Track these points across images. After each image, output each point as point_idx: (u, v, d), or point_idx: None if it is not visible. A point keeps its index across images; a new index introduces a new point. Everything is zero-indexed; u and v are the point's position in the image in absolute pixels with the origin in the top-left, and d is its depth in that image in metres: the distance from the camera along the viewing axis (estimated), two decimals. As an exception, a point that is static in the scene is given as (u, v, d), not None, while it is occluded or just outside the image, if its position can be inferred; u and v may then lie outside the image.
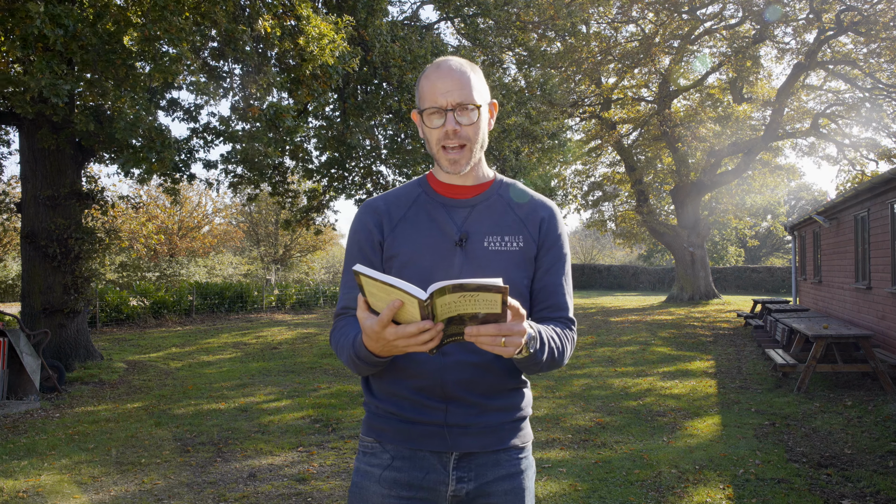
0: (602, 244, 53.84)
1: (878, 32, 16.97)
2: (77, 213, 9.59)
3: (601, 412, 6.79)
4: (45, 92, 6.39)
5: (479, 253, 1.53)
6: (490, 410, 1.54)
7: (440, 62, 1.53)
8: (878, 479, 4.55)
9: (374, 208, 1.61)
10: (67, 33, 6.37)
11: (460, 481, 1.52)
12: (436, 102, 1.49)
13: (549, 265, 1.59)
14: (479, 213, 1.57)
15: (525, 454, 1.62)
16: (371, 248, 1.58)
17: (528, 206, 1.61)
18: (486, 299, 1.19)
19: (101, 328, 15.77)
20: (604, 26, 21.31)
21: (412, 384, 1.51)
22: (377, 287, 1.22)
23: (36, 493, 4.63)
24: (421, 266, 1.52)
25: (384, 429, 1.56)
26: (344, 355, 1.47)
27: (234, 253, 37.12)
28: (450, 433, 1.51)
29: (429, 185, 1.63)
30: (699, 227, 22.63)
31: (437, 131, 1.51)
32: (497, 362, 1.51)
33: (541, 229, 1.59)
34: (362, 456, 1.60)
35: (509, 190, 1.64)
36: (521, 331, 1.25)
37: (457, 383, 1.49)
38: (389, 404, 1.55)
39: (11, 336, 7.34)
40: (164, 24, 6.78)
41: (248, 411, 7.13)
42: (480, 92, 1.53)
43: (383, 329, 1.25)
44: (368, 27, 11.02)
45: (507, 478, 1.56)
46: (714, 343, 11.91)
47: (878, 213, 9.39)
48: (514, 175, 15.06)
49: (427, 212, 1.58)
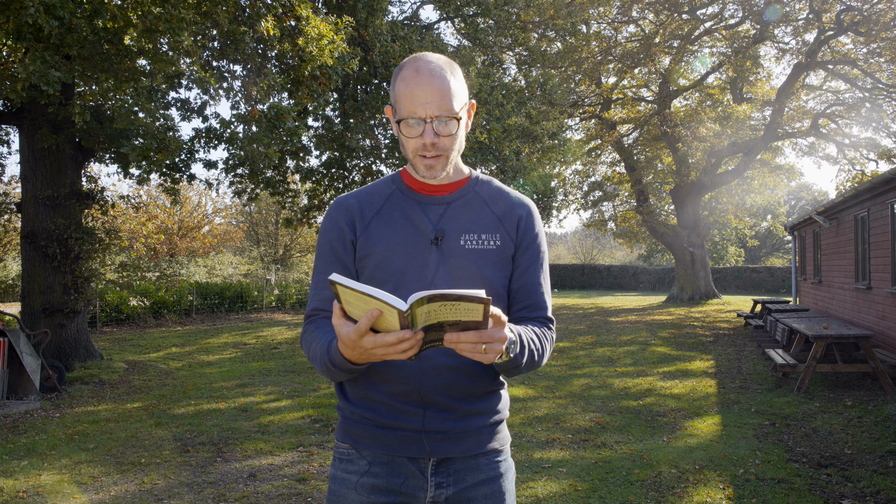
0: (602, 244, 53.83)
1: (878, 32, 16.97)
2: (77, 213, 9.58)
3: (601, 412, 6.79)
4: (34, 78, 6.33)
5: (456, 251, 1.49)
6: (468, 415, 1.51)
7: (419, 64, 1.45)
8: (878, 479, 4.55)
9: (346, 206, 1.56)
10: (63, 25, 6.34)
11: (439, 487, 1.50)
12: (414, 113, 1.43)
13: (528, 264, 1.56)
14: (455, 211, 1.53)
15: (503, 457, 1.58)
16: (343, 248, 1.53)
17: (505, 204, 1.58)
18: (467, 308, 1.17)
19: (101, 328, 15.77)
20: (604, 26, 21.31)
21: (389, 389, 1.48)
22: (354, 296, 1.19)
23: (36, 493, 4.63)
24: (395, 265, 1.48)
25: (360, 435, 1.52)
26: (317, 361, 1.42)
27: (234, 253, 37.11)
28: (427, 439, 1.48)
29: (403, 182, 1.58)
30: (699, 227, 22.63)
31: (415, 140, 1.45)
32: (474, 366, 1.49)
33: (518, 228, 1.56)
34: (338, 462, 1.56)
35: (486, 187, 1.60)
36: (503, 338, 1.24)
37: (434, 388, 1.46)
38: (365, 409, 1.51)
39: (11, 336, 7.33)
40: (164, 14, 6.75)
41: (248, 411, 7.13)
42: (460, 97, 1.47)
43: (360, 338, 1.22)
44: (368, 27, 11.02)
45: (486, 482, 1.53)
46: (714, 343, 11.91)
47: (878, 213, 9.39)
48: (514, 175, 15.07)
49: (401, 209, 1.53)
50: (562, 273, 37.45)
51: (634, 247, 36.16)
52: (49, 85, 6.40)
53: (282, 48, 8.26)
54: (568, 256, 54.17)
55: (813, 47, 18.83)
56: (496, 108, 13.21)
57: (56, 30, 6.29)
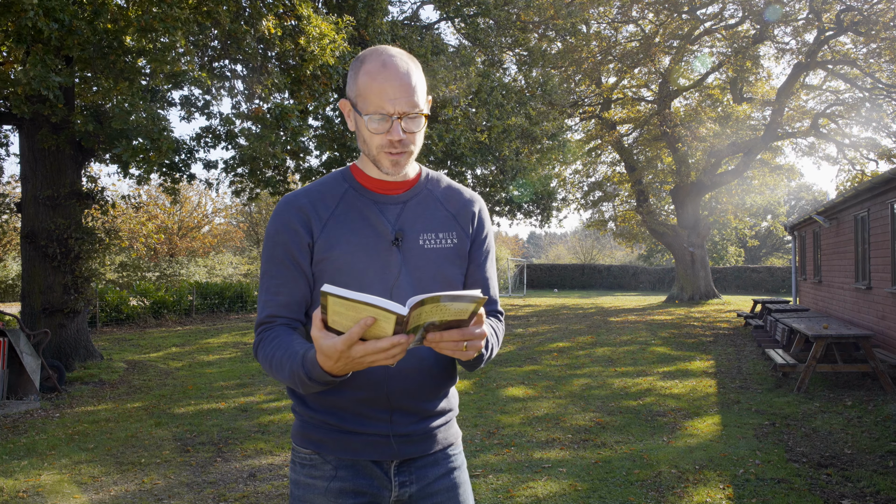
0: (602, 244, 53.83)
1: (877, 32, 16.98)
2: (77, 213, 9.58)
3: (601, 412, 6.79)
4: (35, 84, 6.33)
5: (416, 252, 1.49)
6: (430, 415, 1.54)
7: (384, 59, 1.41)
8: (878, 479, 4.55)
9: (298, 206, 1.48)
10: (63, 27, 6.34)
11: (402, 486, 1.52)
12: (382, 109, 1.40)
13: (482, 260, 1.58)
14: (412, 210, 1.52)
15: (458, 450, 1.63)
16: (299, 251, 1.47)
17: (459, 202, 1.58)
18: (459, 308, 1.16)
19: (101, 328, 15.77)
20: (604, 26, 21.33)
21: (355, 396, 1.46)
22: (346, 306, 1.13)
23: (36, 493, 4.63)
24: (356, 268, 1.45)
25: (323, 440, 1.50)
26: (284, 374, 1.34)
27: (234, 253, 37.11)
28: (396, 442, 1.49)
29: (355, 181, 1.53)
30: (699, 227, 22.63)
31: (380, 137, 1.43)
32: (438, 367, 1.50)
33: (473, 224, 1.58)
34: (300, 468, 1.52)
35: (437, 185, 1.60)
36: (482, 334, 1.24)
37: (402, 392, 1.47)
38: (327, 415, 1.48)
39: (11, 336, 7.34)
40: (160, 14, 6.76)
41: (248, 411, 7.13)
42: (422, 93, 1.45)
43: (349, 348, 1.17)
44: (369, 27, 11.03)
45: (445, 475, 1.57)
46: (714, 343, 11.91)
47: (878, 213, 9.40)
48: (513, 175, 15.06)
49: (358, 209, 1.49)
50: (562, 273, 37.46)
51: (634, 247, 36.17)
52: (49, 90, 6.40)
53: (283, 47, 8.26)
54: (568, 256, 54.17)
55: (813, 47, 18.83)
56: (496, 109, 13.21)
57: (56, 32, 6.30)
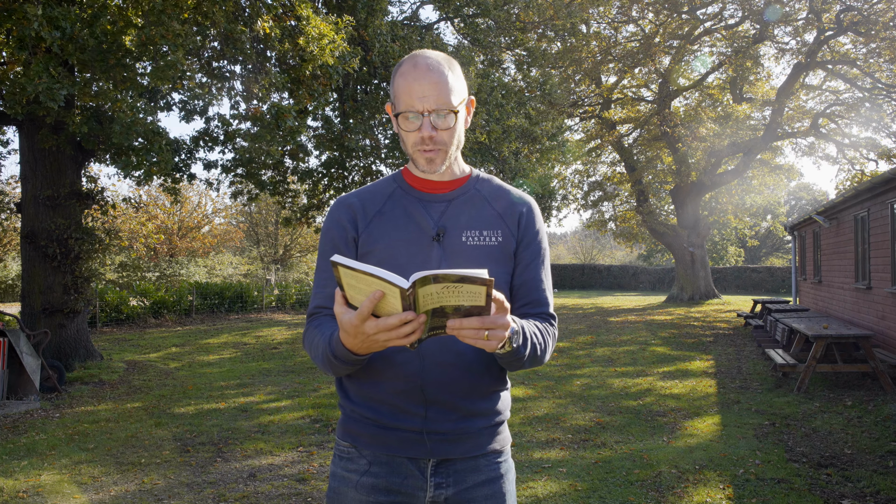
0: (602, 244, 53.84)
1: (877, 32, 16.98)
2: (77, 214, 9.58)
3: (601, 412, 6.79)
4: (42, 97, 6.37)
5: (458, 248, 1.50)
6: (470, 415, 1.50)
7: (417, 59, 1.47)
8: (878, 479, 4.55)
9: (348, 204, 1.58)
10: (65, 35, 6.36)
11: (438, 487, 1.50)
12: (412, 107, 1.44)
13: (529, 260, 1.57)
14: (457, 208, 1.55)
15: (504, 458, 1.58)
16: (345, 245, 1.54)
17: (507, 201, 1.59)
18: (469, 291, 1.16)
19: (101, 328, 15.77)
20: (604, 26, 21.32)
21: (391, 387, 1.47)
22: (357, 278, 1.18)
23: (36, 493, 4.63)
24: (397, 262, 1.48)
25: (360, 434, 1.53)
26: (318, 356, 1.42)
27: (234, 253, 37.14)
28: (429, 440, 1.48)
29: (404, 181, 1.59)
30: (699, 227, 22.63)
31: (413, 134, 1.47)
32: (477, 362, 1.48)
33: (520, 224, 1.57)
34: (339, 460, 1.57)
35: (486, 185, 1.61)
36: (505, 324, 1.24)
37: (438, 384, 1.46)
38: (366, 409, 1.51)
39: (11, 336, 7.33)
40: (161, 29, 6.77)
41: (248, 411, 7.13)
42: (458, 92, 1.48)
43: (362, 322, 1.21)
44: (368, 27, 11.02)
45: (486, 483, 1.53)
46: (714, 343, 11.90)
47: (878, 213, 9.39)
48: (513, 176, 15.06)
49: (403, 207, 1.55)
50: (562, 273, 37.45)
51: (634, 247, 36.17)
52: (54, 101, 6.42)
53: (282, 48, 8.26)
54: (568, 256, 54.18)
55: (813, 47, 18.83)
56: (496, 109, 13.21)
57: (58, 41, 6.31)
